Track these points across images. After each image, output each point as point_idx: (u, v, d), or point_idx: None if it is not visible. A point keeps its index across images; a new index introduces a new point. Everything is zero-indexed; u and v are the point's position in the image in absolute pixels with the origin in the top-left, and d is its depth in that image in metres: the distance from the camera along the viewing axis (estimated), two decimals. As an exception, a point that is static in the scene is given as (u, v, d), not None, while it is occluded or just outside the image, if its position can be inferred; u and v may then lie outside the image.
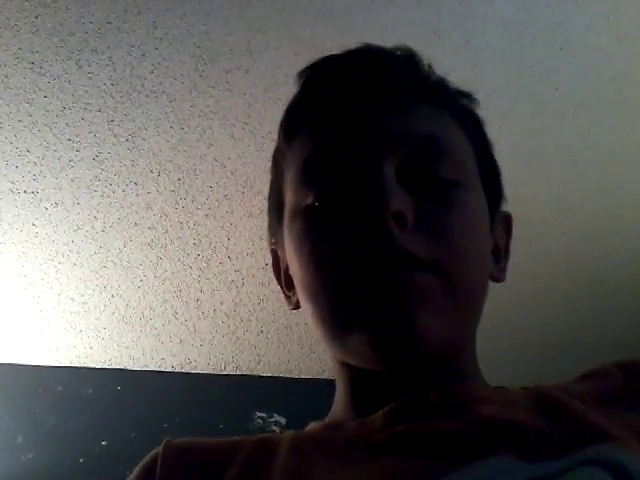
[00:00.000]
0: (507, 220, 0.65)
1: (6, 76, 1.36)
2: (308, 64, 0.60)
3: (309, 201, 0.55)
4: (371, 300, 0.50)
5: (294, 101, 0.61)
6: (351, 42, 1.42)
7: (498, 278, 0.61)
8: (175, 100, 1.47)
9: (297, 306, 0.61)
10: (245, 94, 1.50)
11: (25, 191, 1.62)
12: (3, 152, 1.52)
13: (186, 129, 1.54)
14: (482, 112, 1.72)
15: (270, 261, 0.67)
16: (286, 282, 0.63)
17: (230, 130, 1.56)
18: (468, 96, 0.63)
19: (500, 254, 0.62)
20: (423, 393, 0.51)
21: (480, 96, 1.68)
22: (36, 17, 1.25)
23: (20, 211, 1.67)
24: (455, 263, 0.52)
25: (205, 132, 1.55)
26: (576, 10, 1.44)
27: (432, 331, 0.49)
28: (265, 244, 1.85)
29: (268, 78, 1.47)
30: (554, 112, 1.66)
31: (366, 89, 0.56)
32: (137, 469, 0.54)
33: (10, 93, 1.39)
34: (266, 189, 1.79)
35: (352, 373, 0.57)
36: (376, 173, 0.52)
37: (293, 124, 0.60)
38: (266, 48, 1.41)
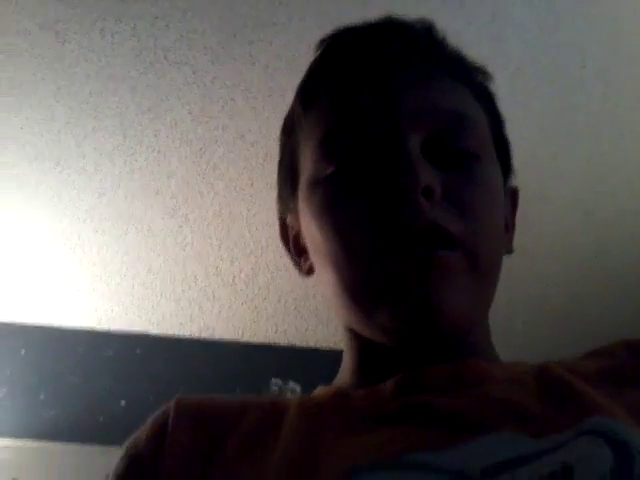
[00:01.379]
0: (514, 194, 0.65)
1: (30, 45, 1.37)
2: (329, 33, 0.60)
3: (331, 170, 0.54)
4: (401, 277, 0.50)
5: (313, 68, 0.61)
6: (375, 14, 1.42)
7: (509, 250, 0.62)
8: (198, 71, 1.47)
9: (309, 272, 0.61)
10: (268, 66, 1.49)
11: (49, 157, 1.64)
12: (27, 118, 1.54)
13: (208, 100, 1.54)
14: (508, 88, 1.70)
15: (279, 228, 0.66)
16: (295, 249, 0.63)
17: (252, 102, 1.56)
18: (483, 71, 0.63)
19: (508, 226, 0.63)
20: (433, 366, 0.52)
21: (506, 72, 1.66)
22: (61, -14, 1.26)
23: (44, 177, 1.69)
24: (481, 240, 0.52)
25: (227, 103, 1.55)
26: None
27: (458, 311, 0.50)
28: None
29: (291, 50, 1.46)
30: (581, 89, 1.63)
31: (387, 60, 0.56)
32: (149, 422, 0.54)
33: (34, 62, 1.40)
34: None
35: (362, 342, 0.57)
36: (402, 147, 0.52)
37: (312, 91, 0.59)
38: (289, 20, 1.40)
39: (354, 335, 0.58)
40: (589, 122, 1.70)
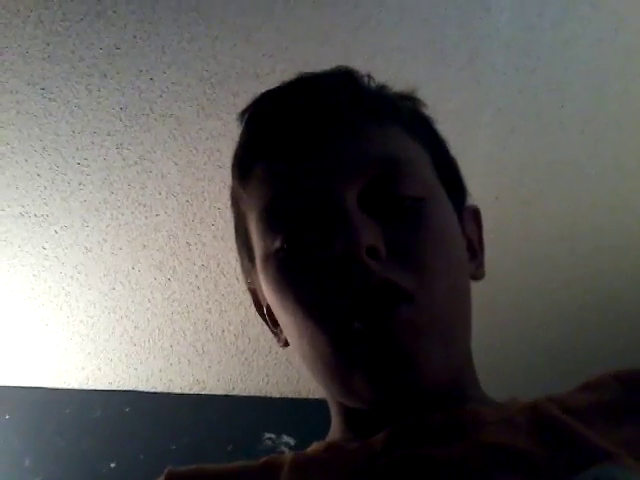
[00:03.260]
0: (476, 214, 0.64)
1: (17, 102, 1.38)
2: (249, 103, 0.59)
3: (277, 245, 0.54)
4: (366, 339, 0.49)
5: (241, 141, 0.60)
6: (357, 64, 1.44)
7: (477, 276, 0.60)
8: (183, 123, 1.49)
9: (286, 344, 0.60)
10: (253, 116, 1.51)
11: (35, 214, 1.63)
12: (14, 176, 1.53)
13: (194, 151, 1.55)
14: (489, 129, 1.73)
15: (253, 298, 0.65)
16: (270, 320, 0.62)
17: (238, 152, 1.57)
18: (411, 98, 0.62)
19: (475, 249, 0.61)
20: (424, 416, 0.50)
21: (486, 114, 1.69)
22: (47, 44, 1.27)
23: (30, 234, 1.68)
24: (436, 287, 0.51)
25: (213, 154, 1.56)
26: (581, 29, 1.46)
27: (431, 363, 0.49)
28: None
29: (275, 100, 1.48)
30: (560, 129, 1.67)
31: (310, 118, 0.55)
32: None
33: (21, 118, 1.41)
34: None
35: (346, 406, 0.56)
36: (339, 206, 0.51)
37: (244, 165, 0.58)
38: (272, 71, 1.42)
39: (338, 407, 0.57)
40: (569, 160, 1.73)
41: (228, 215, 1.72)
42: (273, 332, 0.63)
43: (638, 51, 1.53)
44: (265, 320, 0.63)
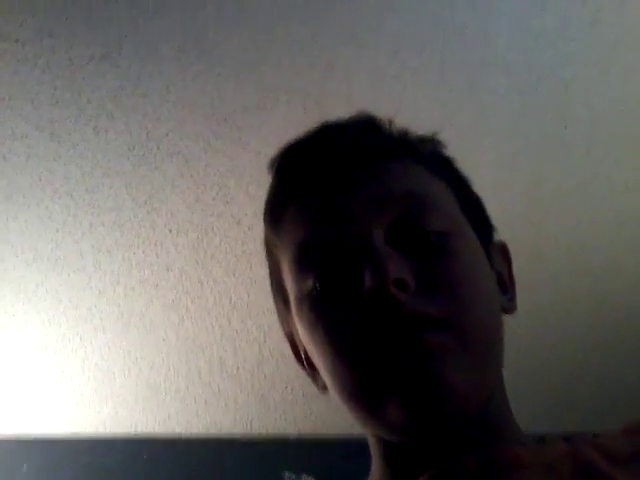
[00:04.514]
0: (503, 248, 0.65)
1: (28, 147, 1.41)
2: (276, 153, 0.62)
3: (310, 286, 0.55)
4: (397, 370, 0.49)
5: (271, 191, 0.63)
6: (358, 94, 1.46)
7: (509, 309, 0.61)
8: (191, 160, 1.51)
9: (325, 388, 0.60)
10: (259, 152, 1.53)
11: (48, 258, 1.65)
12: (26, 221, 1.55)
13: (202, 188, 1.57)
14: (494, 153, 1.73)
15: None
16: (308, 365, 0.63)
17: (245, 187, 1.59)
18: (432, 140, 0.64)
19: (505, 284, 0.62)
20: (459, 459, 0.50)
21: (490, 139, 1.70)
22: (55, 89, 1.30)
23: (43, 279, 1.69)
24: (466, 315, 0.52)
25: (221, 190, 1.58)
26: (578, 48, 1.47)
27: (461, 389, 0.49)
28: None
29: (280, 134, 1.50)
30: (565, 150, 1.67)
31: (335, 162, 0.57)
32: None
33: (31, 163, 1.44)
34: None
35: (386, 444, 0.56)
36: (367, 243, 0.52)
37: (276, 211, 0.61)
38: (276, 105, 1.45)
39: (378, 438, 0.58)
40: (576, 181, 1.73)
41: (238, 251, 1.73)
42: (311, 377, 0.63)
43: (637, 69, 1.55)
44: (303, 365, 0.64)
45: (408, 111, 1.49)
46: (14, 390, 1.96)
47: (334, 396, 0.56)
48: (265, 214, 0.63)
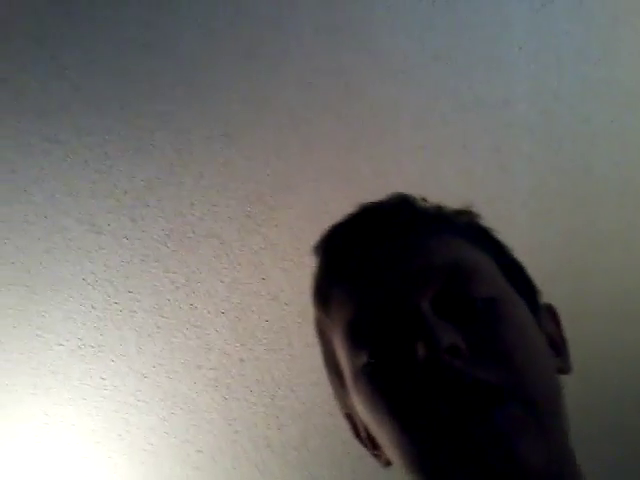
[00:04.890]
0: (551, 310, 0.65)
1: (69, 239, 1.46)
2: (320, 237, 0.65)
3: (364, 360, 0.56)
4: (466, 442, 0.49)
5: (317, 273, 0.65)
6: (383, 168, 1.49)
7: (565, 370, 0.60)
8: (226, 242, 1.54)
9: (388, 463, 0.60)
10: (292, 228, 1.56)
11: (92, 346, 1.68)
12: (69, 310, 1.60)
13: (238, 267, 1.60)
14: (523, 215, 1.73)
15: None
16: (370, 442, 0.63)
17: (281, 263, 1.62)
18: (468, 212, 0.66)
19: (557, 345, 0.62)
20: None
21: (517, 200, 1.70)
22: (93, 183, 1.36)
23: (88, 366, 1.72)
24: (525, 379, 0.51)
25: (257, 268, 1.61)
26: (597, 106, 1.49)
27: (533, 461, 0.48)
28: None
29: (311, 210, 1.53)
30: (597, 202, 1.67)
31: (376, 241, 0.59)
32: None
33: (73, 254, 1.49)
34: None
35: None
36: (415, 314, 0.53)
37: (324, 292, 0.63)
38: (305, 183, 1.49)
39: None
40: (611, 230, 1.72)
41: (277, 327, 1.75)
42: (374, 455, 0.63)
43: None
44: (364, 444, 0.64)
45: (434, 181, 1.52)
46: (62, 479, 1.96)
47: (402, 471, 0.56)
48: (313, 296, 0.65)
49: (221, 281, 1.61)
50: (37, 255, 1.48)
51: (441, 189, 1.48)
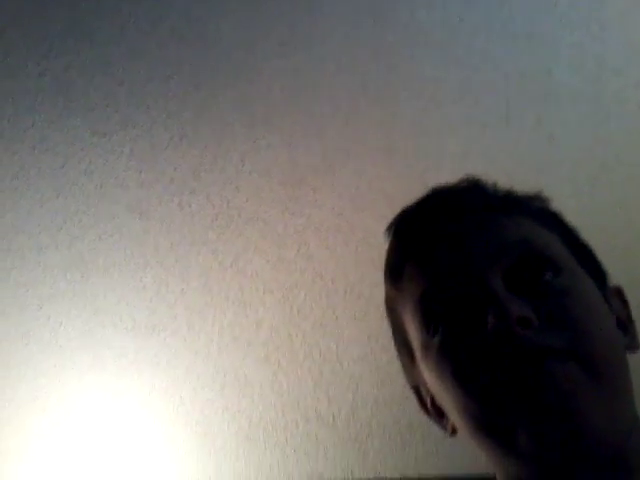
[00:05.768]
0: (619, 292, 0.66)
1: (120, 226, 1.51)
2: (391, 221, 0.67)
3: (433, 332, 0.58)
4: (524, 400, 0.51)
5: (390, 251, 0.67)
6: (424, 145, 1.47)
7: (633, 347, 0.62)
8: (270, 223, 1.57)
9: (454, 432, 0.63)
10: (333, 207, 1.57)
11: (145, 325, 1.74)
12: (122, 292, 1.66)
13: (283, 248, 1.62)
14: (569, 185, 1.69)
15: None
16: (436, 413, 0.66)
17: (324, 242, 1.64)
18: (539, 197, 0.67)
19: (625, 324, 0.63)
20: None
21: (563, 172, 1.66)
22: (140, 172, 1.40)
23: (142, 345, 1.79)
24: (588, 346, 0.53)
25: (301, 248, 1.63)
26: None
27: (592, 417, 0.50)
28: (374, 345, 1.87)
29: (352, 189, 1.54)
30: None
31: (448, 219, 0.61)
32: None
33: (124, 240, 1.54)
34: (366, 292, 1.82)
35: None
36: (486, 288, 0.55)
37: (396, 269, 0.65)
38: (346, 162, 1.49)
39: (505, 476, 0.58)
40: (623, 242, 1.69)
41: (323, 304, 1.78)
42: (439, 424, 0.66)
43: None
44: (429, 414, 0.67)
45: (477, 155, 1.51)
46: (118, 452, 2.05)
47: (465, 435, 0.59)
48: (386, 273, 0.67)
49: (267, 261, 1.64)
50: (90, 242, 1.54)
51: (485, 163, 1.47)
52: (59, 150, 1.36)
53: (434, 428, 0.67)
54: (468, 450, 2.17)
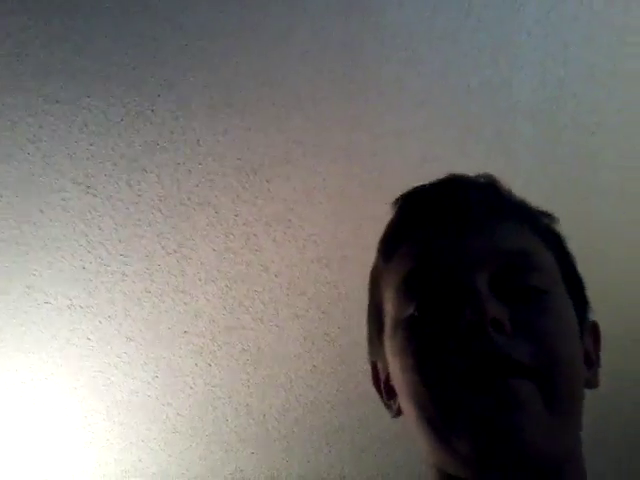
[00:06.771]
0: (595, 328, 0.67)
1: (63, 200, 1.45)
2: (401, 195, 0.67)
3: (410, 311, 0.59)
4: (478, 406, 0.51)
5: (390, 227, 0.67)
6: (383, 146, 1.47)
7: (592, 384, 0.63)
8: (220, 211, 1.54)
9: (398, 413, 0.64)
10: (286, 200, 1.56)
11: (81, 306, 1.68)
12: (61, 270, 1.59)
13: (231, 237, 1.59)
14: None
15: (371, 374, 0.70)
16: (386, 391, 0.66)
17: (273, 235, 1.61)
18: (548, 215, 0.68)
19: (591, 360, 0.64)
20: None
21: (517, 185, 1.69)
22: (90, 144, 1.34)
23: (76, 326, 1.72)
24: (554, 370, 0.53)
25: (249, 239, 1.60)
26: (603, 97, 1.49)
27: (534, 440, 0.50)
28: (311, 345, 1.86)
29: (307, 184, 1.53)
30: (597, 195, 1.67)
31: (456, 211, 0.61)
32: None
33: (67, 215, 1.48)
34: (310, 290, 1.81)
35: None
36: (470, 284, 0.56)
37: (391, 245, 0.65)
38: (304, 156, 1.48)
39: (438, 473, 0.59)
40: (610, 225, 1.73)
41: (266, 298, 1.75)
42: (385, 403, 0.67)
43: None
44: (380, 391, 0.68)
45: (434, 161, 1.52)
46: (39, 436, 1.97)
47: (409, 421, 0.59)
48: (380, 244, 0.67)
49: (213, 249, 1.61)
50: (31, 214, 1.47)
51: (440, 170, 1.48)
52: (6, 113, 1.30)
53: (362, 432, 0.66)
54: (392, 457, 2.19)
